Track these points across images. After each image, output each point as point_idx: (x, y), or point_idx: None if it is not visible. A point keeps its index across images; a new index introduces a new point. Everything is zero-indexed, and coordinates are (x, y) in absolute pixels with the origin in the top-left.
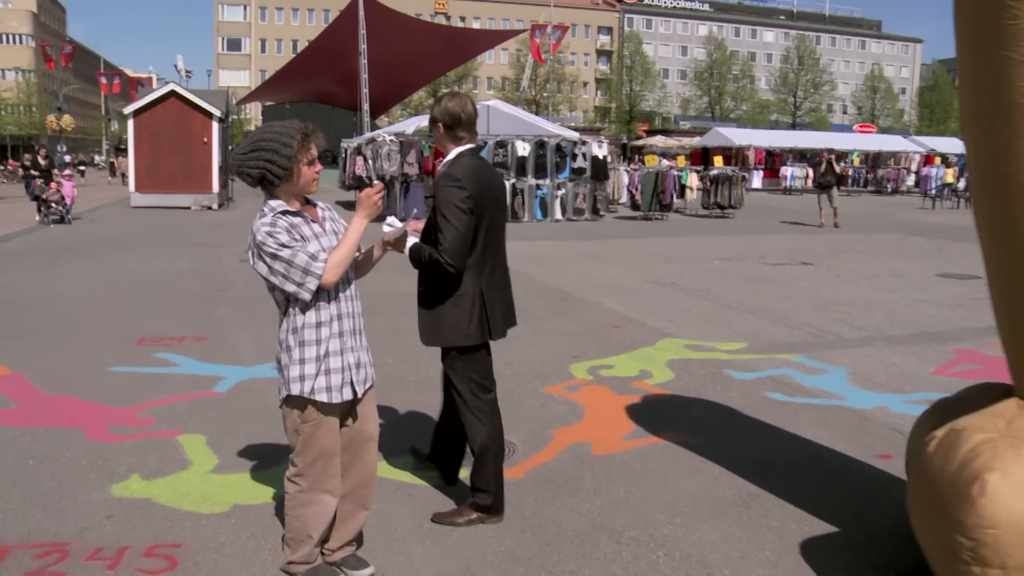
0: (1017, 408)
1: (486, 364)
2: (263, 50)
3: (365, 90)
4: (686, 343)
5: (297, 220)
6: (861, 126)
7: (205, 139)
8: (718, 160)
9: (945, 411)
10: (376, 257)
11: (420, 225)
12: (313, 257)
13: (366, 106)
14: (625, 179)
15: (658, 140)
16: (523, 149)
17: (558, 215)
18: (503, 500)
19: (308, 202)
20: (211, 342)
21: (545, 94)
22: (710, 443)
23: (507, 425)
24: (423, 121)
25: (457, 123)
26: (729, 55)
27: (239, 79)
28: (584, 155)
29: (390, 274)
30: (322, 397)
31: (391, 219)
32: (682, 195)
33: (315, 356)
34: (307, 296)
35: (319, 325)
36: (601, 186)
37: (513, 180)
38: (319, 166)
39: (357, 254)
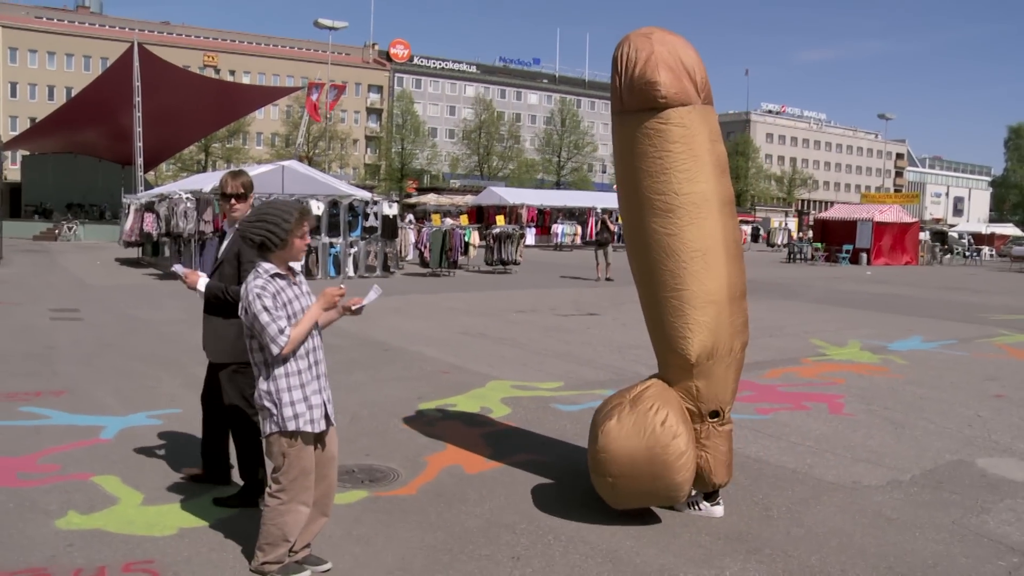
0: (641, 388)
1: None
2: (13, 95)
3: (139, 144)
4: (512, 384)
5: (283, 283)
6: None
7: None
8: (500, 219)
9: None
10: (334, 319)
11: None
12: (281, 331)
13: (140, 160)
14: (412, 237)
15: (431, 198)
16: (317, 208)
17: (351, 272)
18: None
19: (289, 267)
20: (71, 396)
21: (317, 151)
22: (559, 459)
23: (384, 455)
24: (215, 179)
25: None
26: (496, 116)
27: None
28: (376, 214)
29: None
30: (308, 428)
31: (376, 288)
32: (466, 252)
33: (302, 397)
34: (274, 352)
35: (299, 372)
36: (391, 244)
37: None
38: (308, 239)
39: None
